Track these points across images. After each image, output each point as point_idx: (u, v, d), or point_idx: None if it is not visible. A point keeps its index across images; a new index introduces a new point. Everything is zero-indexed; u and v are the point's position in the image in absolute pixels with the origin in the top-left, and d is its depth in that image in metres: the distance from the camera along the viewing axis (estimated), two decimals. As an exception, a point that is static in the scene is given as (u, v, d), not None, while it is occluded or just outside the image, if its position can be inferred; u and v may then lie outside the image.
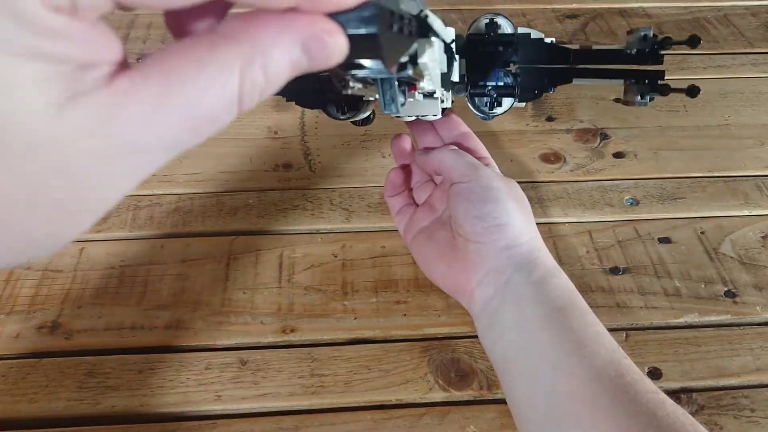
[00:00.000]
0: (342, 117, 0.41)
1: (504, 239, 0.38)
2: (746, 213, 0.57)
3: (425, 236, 0.44)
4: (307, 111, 0.67)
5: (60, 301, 0.49)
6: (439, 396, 0.45)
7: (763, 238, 0.55)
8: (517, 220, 0.39)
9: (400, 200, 0.48)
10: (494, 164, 0.46)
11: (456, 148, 0.44)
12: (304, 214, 0.57)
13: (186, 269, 0.52)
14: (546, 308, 0.36)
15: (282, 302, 0.50)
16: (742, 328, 0.49)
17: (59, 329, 0.48)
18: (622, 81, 0.43)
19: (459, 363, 0.46)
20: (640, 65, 0.40)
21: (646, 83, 0.41)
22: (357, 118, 0.43)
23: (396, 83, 0.29)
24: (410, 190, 0.49)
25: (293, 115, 0.67)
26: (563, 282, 0.38)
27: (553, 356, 0.34)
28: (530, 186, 0.59)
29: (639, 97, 0.42)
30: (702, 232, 0.56)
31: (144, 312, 0.49)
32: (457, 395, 0.45)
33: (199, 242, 0.54)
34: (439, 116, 0.41)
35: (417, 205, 0.48)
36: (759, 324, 0.49)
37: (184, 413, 0.44)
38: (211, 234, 0.55)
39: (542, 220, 0.56)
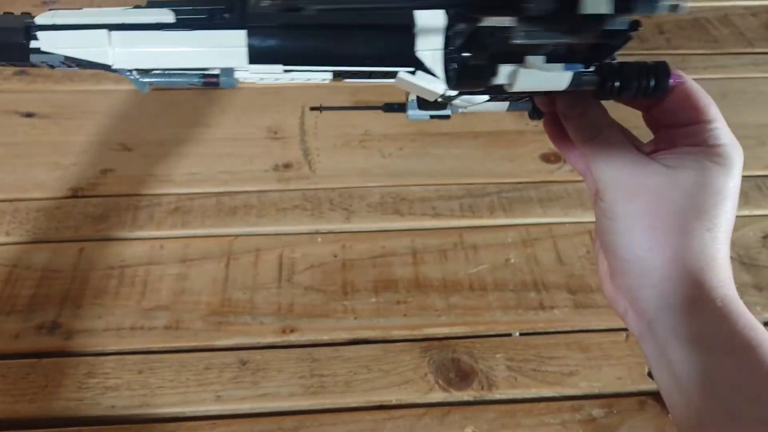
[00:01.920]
0: None
1: (627, 278, 0.29)
2: (746, 213, 0.57)
3: None
4: (307, 111, 0.67)
5: (60, 301, 0.49)
6: (439, 396, 0.45)
7: (763, 238, 0.55)
8: (653, 253, 0.28)
9: None
10: (720, 127, 0.28)
11: (619, 133, 0.29)
12: (304, 214, 0.57)
13: (186, 269, 0.52)
14: (709, 381, 0.26)
15: (282, 302, 0.50)
16: (742, 328, 0.49)
17: (59, 329, 0.48)
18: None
19: (459, 363, 0.46)
20: None
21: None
22: None
23: None
24: None
25: (293, 115, 0.67)
26: (729, 330, 0.27)
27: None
28: (530, 186, 0.59)
29: None
30: (702, 232, 0.56)
31: (144, 312, 0.49)
32: (457, 395, 0.45)
33: (199, 242, 0.54)
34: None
35: None
36: (759, 324, 0.49)
37: (184, 413, 0.44)
38: (211, 234, 0.55)
39: (542, 220, 0.56)
